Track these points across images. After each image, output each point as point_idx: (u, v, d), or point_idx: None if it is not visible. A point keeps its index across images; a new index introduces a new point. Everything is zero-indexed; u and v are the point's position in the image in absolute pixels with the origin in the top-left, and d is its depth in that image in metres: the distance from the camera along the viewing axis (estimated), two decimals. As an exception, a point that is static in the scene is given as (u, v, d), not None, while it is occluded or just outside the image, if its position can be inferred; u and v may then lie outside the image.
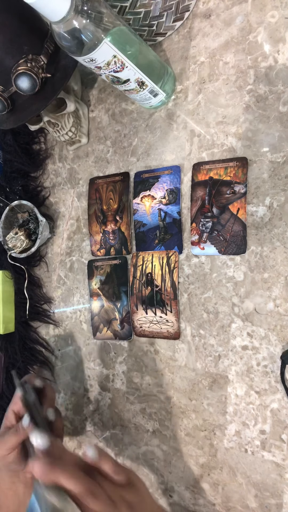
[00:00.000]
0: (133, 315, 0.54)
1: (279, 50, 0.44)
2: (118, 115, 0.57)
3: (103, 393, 0.57)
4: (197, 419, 0.49)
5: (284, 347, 0.44)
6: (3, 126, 0.54)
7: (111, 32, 0.38)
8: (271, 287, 0.45)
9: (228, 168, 0.47)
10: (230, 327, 0.47)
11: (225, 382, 0.47)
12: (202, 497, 0.48)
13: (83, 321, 0.60)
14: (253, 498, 0.45)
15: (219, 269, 0.48)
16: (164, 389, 0.52)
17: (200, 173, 0.49)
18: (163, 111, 0.53)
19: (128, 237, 0.55)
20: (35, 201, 0.62)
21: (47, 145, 0.65)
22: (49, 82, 0.49)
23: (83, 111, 0.58)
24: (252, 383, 0.45)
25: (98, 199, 0.58)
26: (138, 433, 0.53)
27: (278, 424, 0.44)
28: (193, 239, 0.49)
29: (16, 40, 0.46)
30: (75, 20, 0.35)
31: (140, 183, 0.54)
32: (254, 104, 0.46)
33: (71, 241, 0.62)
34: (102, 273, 0.57)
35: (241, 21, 0.47)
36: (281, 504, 0.43)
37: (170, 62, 0.52)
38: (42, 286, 0.64)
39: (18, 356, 0.64)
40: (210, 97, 0.49)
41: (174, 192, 0.51)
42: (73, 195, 0.62)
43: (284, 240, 0.44)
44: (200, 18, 0.49)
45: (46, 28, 0.48)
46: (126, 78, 0.44)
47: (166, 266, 0.52)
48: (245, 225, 0.46)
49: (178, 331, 0.51)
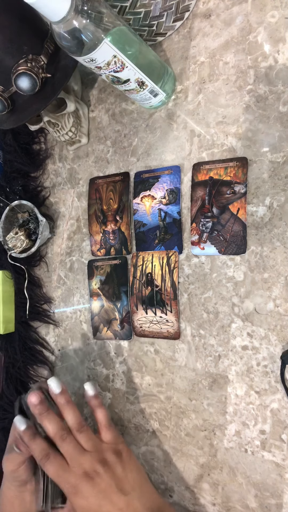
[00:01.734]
0: (133, 315, 0.54)
1: (279, 50, 0.44)
2: (118, 115, 0.57)
3: (103, 393, 0.57)
4: (197, 419, 0.49)
5: (284, 347, 0.44)
6: (3, 126, 0.54)
7: (111, 32, 0.38)
8: (271, 287, 0.45)
9: (228, 168, 0.47)
10: (230, 327, 0.47)
11: (225, 382, 0.47)
12: (202, 497, 0.48)
13: (83, 321, 0.60)
14: (253, 498, 0.45)
15: (219, 269, 0.48)
16: (164, 389, 0.52)
17: (200, 173, 0.49)
18: (163, 111, 0.53)
19: (128, 237, 0.55)
20: (35, 201, 0.62)
21: (47, 145, 0.65)
22: (49, 82, 0.49)
23: (83, 111, 0.58)
24: (252, 383, 0.45)
25: (98, 199, 0.58)
26: (138, 433, 0.53)
27: (278, 424, 0.44)
28: (193, 239, 0.49)
29: (16, 40, 0.46)
30: (75, 20, 0.35)
31: (140, 183, 0.54)
32: (254, 104, 0.46)
33: (71, 241, 0.62)
34: (102, 273, 0.57)
35: (241, 21, 0.47)
36: (281, 504, 0.43)
37: (170, 62, 0.52)
38: (42, 286, 0.64)
39: (18, 356, 0.64)
40: (210, 97, 0.49)
41: (174, 192, 0.51)
42: (73, 195, 0.62)
43: (284, 240, 0.44)
44: (200, 18, 0.49)
45: (46, 28, 0.48)
46: (126, 78, 0.44)
47: (166, 266, 0.52)
48: (245, 225, 0.46)
49: (178, 331, 0.51)
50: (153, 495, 0.42)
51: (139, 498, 0.40)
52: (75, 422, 0.43)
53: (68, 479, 0.40)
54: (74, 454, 0.41)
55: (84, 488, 0.39)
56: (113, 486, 0.39)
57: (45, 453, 0.41)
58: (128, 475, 0.41)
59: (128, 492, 0.40)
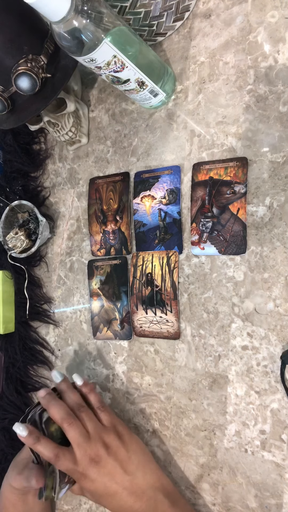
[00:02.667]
0: (133, 315, 0.54)
1: (279, 50, 0.44)
2: (118, 115, 0.57)
3: (103, 393, 0.57)
4: (197, 419, 0.49)
5: (284, 347, 0.44)
6: (3, 126, 0.54)
7: (111, 32, 0.38)
8: (271, 287, 0.45)
9: (228, 168, 0.47)
10: (230, 327, 0.47)
11: (225, 382, 0.47)
12: (202, 497, 0.48)
13: (83, 321, 0.60)
14: (253, 498, 0.45)
15: (219, 269, 0.48)
16: (164, 389, 0.52)
17: (200, 173, 0.49)
18: (163, 111, 0.53)
19: (128, 237, 0.55)
20: (35, 201, 0.62)
21: (47, 145, 0.65)
22: (49, 82, 0.49)
23: (83, 111, 0.58)
24: (252, 383, 0.45)
25: (98, 199, 0.58)
26: (138, 433, 0.53)
27: (278, 424, 0.44)
28: (193, 239, 0.49)
29: (16, 40, 0.46)
30: (75, 20, 0.35)
31: (140, 183, 0.54)
32: (254, 104, 0.46)
33: (71, 241, 0.62)
34: (102, 273, 0.57)
35: (241, 21, 0.47)
36: (281, 504, 0.43)
37: (170, 62, 0.52)
38: (42, 286, 0.64)
39: (18, 356, 0.64)
40: (210, 97, 0.49)
41: (174, 192, 0.51)
42: (73, 195, 0.62)
43: (284, 240, 0.44)
44: (200, 18, 0.49)
45: (46, 28, 0.48)
46: (126, 78, 0.44)
47: (166, 266, 0.52)
48: (245, 225, 0.46)
49: (178, 331, 0.51)
50: (157, 473, 0.44)
51: (143, 476, 0.43)
52: (97, 401, 0.47)
53: (77, 469, 0.42)
54: (80, 440, 0.42)
55: (90, 473, 0.41)
56: (117, 468, 0.42)
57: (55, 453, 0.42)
58: (132, 456, 0.43)
59: (132, 472, 0.42)
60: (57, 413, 0.43)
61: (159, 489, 0.43)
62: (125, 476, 0.42)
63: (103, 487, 0.41)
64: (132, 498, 0.41)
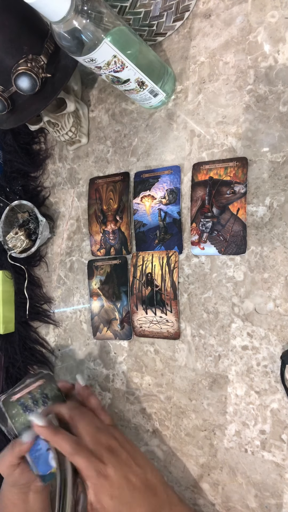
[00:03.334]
0: (133, 315, 0.54)
1: (279, 50, 0.44)
2: (118, 115, 0.57)
3: (103, 393, 0.57)
4: (197, 419, 0.49)
5: (284, 347, 0.44)
6: (3, 126, 0.54)
7: (111, 32, 0.38)
8: (271, 287, 0.45)
9: (228, 168, 0.47)
10: (230, 327, 0.47)
11: (225, 382, 0.47)
12: (202, 497, 0.48)
13: (83, 321, 0.60)
14: (253, 498, 0.45)
15: (219, 269, 0.48)
16: (164, 389, 0.52)
17: (200, 173, 0.49)
18: (163, 111, 0.53)
19: (128, 237, 0.55)
20: (35, 201, 0.62)
21: (47, 145, 0.65)
22: (49, 82, 0.49)
23: (83, 111, 0.58)
24: (252, 383, 0.45)
25: (98, 199, 0.58)
26: (138, 433, 0.53)
27: (278, 424, 0.44)
28: (193, 239, 0.49)
29: (16, 40, 0.46)
30: (75, 20, 0.35)
31: (140, 183, 0.54)
32: (254, 104, 0.46)
33: (71, 241, 0.62)
34: (102, 273, 0.57)
35: (241, 21, 0.47)
36: (281, 504, 0.43)
37: (170, 62, 0.52)
38: (42, 286, 0.64)
39: (18, 356, 0.64)
40: (210, 97, 0.49)
41: (174, 192, 0.51)
42: (73, 195, 0.62)
43: (284, 240, 0.44)
44: (200, 18, 0.49)
45: (46, 28, 0.48)
46: (126, 78, 0.44)
47: (166, 266, 0.52)
48: (245, 225, 0.46)
49: (178, 331, 0.51)
50: (158, 470, 0.45)
51: (152, 472, 0.43)
52: (97, 403, 0.47)
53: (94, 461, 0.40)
54: (94, 430, 0.42)
55: (108, 462, 0.40)
56: (130, 460, 0.42)
57: (76, 445, 0.41)
58: (137, 450, 0.44)
59: (143, 466, 0.42)
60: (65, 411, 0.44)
61: (166, 485, 0.43)
62: (139, 469, 0.41)
63: (124, 480, 0.40)
64: (148, 493, 0.41)
